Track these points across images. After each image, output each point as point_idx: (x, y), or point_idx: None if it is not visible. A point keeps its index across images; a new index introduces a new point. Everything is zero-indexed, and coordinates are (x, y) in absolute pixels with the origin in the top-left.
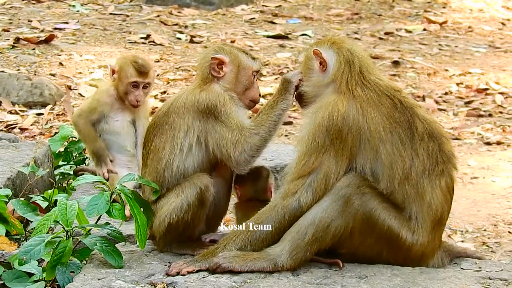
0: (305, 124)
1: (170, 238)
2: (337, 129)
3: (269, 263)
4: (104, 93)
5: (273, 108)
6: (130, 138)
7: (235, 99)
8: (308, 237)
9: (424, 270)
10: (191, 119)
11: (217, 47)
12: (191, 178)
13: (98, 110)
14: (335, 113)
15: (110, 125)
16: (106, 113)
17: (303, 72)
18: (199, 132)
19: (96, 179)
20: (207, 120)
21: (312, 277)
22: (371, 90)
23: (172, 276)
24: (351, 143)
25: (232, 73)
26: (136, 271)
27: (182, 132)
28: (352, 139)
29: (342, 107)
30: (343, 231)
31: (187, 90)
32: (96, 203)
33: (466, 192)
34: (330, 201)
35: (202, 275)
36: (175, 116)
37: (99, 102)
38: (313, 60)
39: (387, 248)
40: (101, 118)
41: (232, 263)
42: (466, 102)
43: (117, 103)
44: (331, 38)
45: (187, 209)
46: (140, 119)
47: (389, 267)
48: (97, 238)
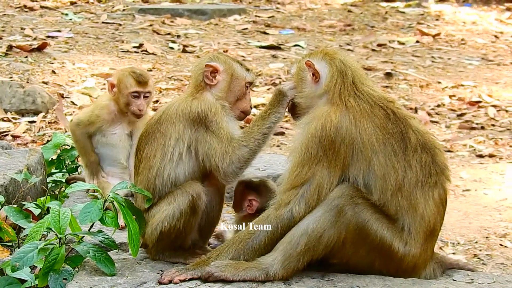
0: (297, 135)
1: (162, 246)
2: (330, 140)
3: (261, 272)
4: (105, 109)
5: (264, 120)
6: (125, 151)
7: (226, 109)
8: (301, 247)
9: (416, 281)
10: (182, 127)
11: (212, 55)
12: (183, 186)
13: (96, 125)
14: (328, 124)
15: (107, 138)
16: (105, 128)
17: (296, 83)
18: (190, 140)
19: (89, 186)
20: (198, 129)
21: (304, 286)
22: (364, 101)
23: (164, 284)
24: (344, 154)
25: (225, 82)
26: (129, 279)
27: (173, 140)
28: (345, 150)
29: (335, 118)
30: (336, 242)
31: (180, 98)
32: (89, 210)
33: (458, 204)
34: (323, 212)
35: (194, 283)
36: (167, 124)
37: (99, 118)
38: (305, 71)
39: (379, 259)
40: (98, 131)
41: (225, 272)
42: (458, 115)
43: (116, 118)
44: (324, 49)
45: (179, 217)
46: (138, 130)
47: (381, 278)
48: (90, 245)
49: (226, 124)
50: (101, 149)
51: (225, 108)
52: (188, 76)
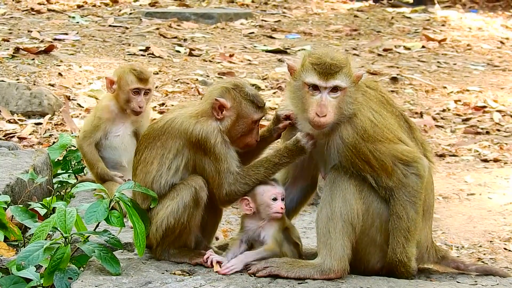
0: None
1: (167, 244)
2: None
3: (316, 270)
4: (105, 109)
5: (274, 164)
6: (127, 154)
7: (227, 143)
8: (337, 232)
9: (420, 283)
10: (182, 145)
11: (225, 88)
12: (185, 180)
13: (100, 127)
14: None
15: (110, 140)
16: (108, 129)
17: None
18: (187, 159)
19: (95, 186)
20: (197, 152)
21: (310, 286)
22: (370, 93)
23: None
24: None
25: (230, 119)
26: (133, 279)
27: (172, 154)
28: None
29: (368, 113)
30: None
31: (185, 113)
32: (95, 210)
33: (462, 208)
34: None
35: (199, 283)
36: (168, 136)
37: (101, 120)
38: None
39: (381, 234)
40: (103, 136)
41: (280, 268)
42: (463, 119)
43: (118, 118)
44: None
45: (183, 211)
46: (143, 128)
47: (385, 279)
48: (95, 245)
49: (225, 157)
50: (104, 153)
51: (226, 142)
52: (194, 80)
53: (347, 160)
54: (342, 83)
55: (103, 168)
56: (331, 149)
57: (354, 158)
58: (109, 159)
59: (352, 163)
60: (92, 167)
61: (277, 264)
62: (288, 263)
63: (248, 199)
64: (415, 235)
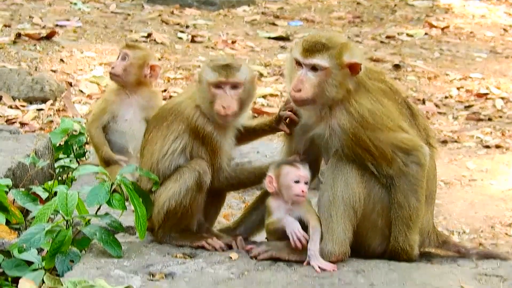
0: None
1: (169, 226)
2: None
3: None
4: (112, 92)
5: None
6: (135, 140)
7: (223, 131)
8: (337, 215)
9: (421, 266)
10: (183, 129)
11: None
12: (189, 163)
13: (108, 110)
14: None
15: (118, 124)
16: (116, 112)
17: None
18: (185, 144)
19: (97, 170)
20: (195, 140)
21: (310, 270)
22: (372, 80)
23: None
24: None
25: (197, 91)
26: (135, 261)
27: (173, 136)
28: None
29: (366, 102)
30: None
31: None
32: (96, 193)
33: (464, 194)
34: (351, 175)
35: (200, 266)
36: (174, 119)
37: (108, 102)
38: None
39: (383, 218)
40: (111, 119)
41: (281, 251)
42: (466, 106)
43: (127, 101)
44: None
45: (185, 194)
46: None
47: (386, 262)
48: (97, 228)
49: (220, 149)
50: (111, 136)
51: (222, 128)
52: (196, 66)
53: (348, 147)
54: (322, 62)
55: (108, 151)
56: (332, 136)
57: (354, 146)
58: (116, 143)
59: (353, 150)
60: (98, 150)
61: (278, 247)
62: (290, 246)
63: (272, 176)
64: (417, 223)
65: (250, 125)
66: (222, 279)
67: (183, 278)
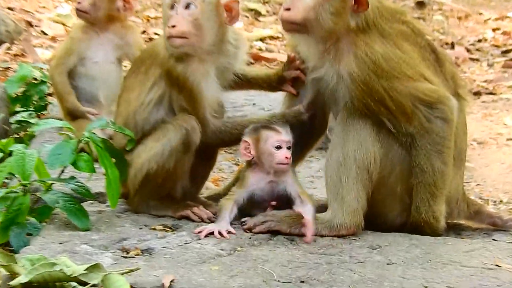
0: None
1: (147, 193)
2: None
3: (325, 225)
4: (79, 29)
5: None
6: (107, 87)
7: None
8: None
9: (448, 241)
10: (159, 75)
11: None
12: (174, 119)
13: (74, 50)
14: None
15: (87, 68)
16: (84, 53)
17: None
18: (163, 93)
19: (61, 124)
20: (173, 87)
21: (315, 246)
22: (389, 20)
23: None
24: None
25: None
26: (105, 235)
27: (150, 83)
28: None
29: (378, 47)
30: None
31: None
32: (59, 152)
33: (501, 156)
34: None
35: (184, 241)
36: (151, 62)
37: (74, 41)
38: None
39: (403, 183)
40: (79, 62)
41: (281, 223)
42: (503, 52)
43: (97, 39)
44: None
45: (169, 155)
46: (134, 54)
47: (407, 236)
48: (60, 194)
49: (201, 97)
50: (78, 82)
51: (199, 69)
52: None
53: (358, 100)
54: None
55: (73, 102)
56: (339, 84)
57: (366, 98)
58: (84, 90)
59: (365, 103)
60: (62, 100)
61: (277, 218)
62: (291, 216)
63: (248, 142)
64: (443, 191)
65: (245, 73)
66: (210, 256)
67: (163, 255)
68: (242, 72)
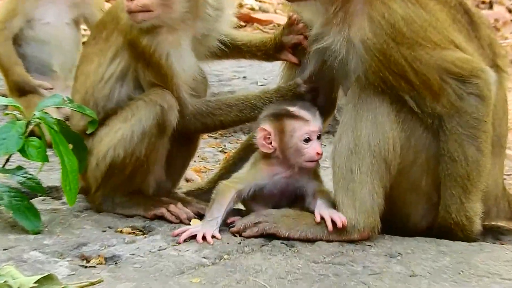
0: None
1: (112, 188)
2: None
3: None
4: None
5: (252, 108)
6: (62, 53)
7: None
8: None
9: (485, 247)
10: (121, 44)
11: None
12: (146, 94)
13: (19, 10)
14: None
15: (36, 31)
16: (31, 12)
17: None
18: (127, 66)
19: (5, 102)
20: (138, 61)
21: (320, 253)
22: None
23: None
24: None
25: None
26: (61, 239)
27: (111, 53)
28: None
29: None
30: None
31: None
32: (4, 137)
33: None
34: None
35: (157, 246)
36: (114, 27)
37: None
38: None
39: (429, 175)
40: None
41: (278, 224)
42: None
43: None
44: None
45: (140, 139)
46: (93, 15)
47: (434, 242)
48: (5, 189)
49: (171, 69)
50: (26, 49)
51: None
52: None
53: (374, 72)
54: None
55: (21, 73)
56: (349, 54)
57: (383, 70)
58: (34, 59)
59: (382, 78)
60: (7, 72)
61: (274, 218)
62: (291, 217)
63: (269, 131)
64: (478, 185)
65: (233, 38)
66: (189, 266)
67: (132, 264)
68: (228, 38)
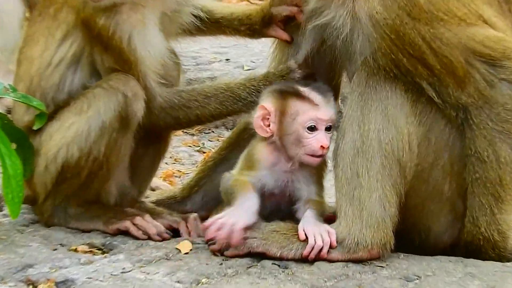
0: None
1: (65, 196)
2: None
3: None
4: None
5: (235, 99)
6: (2, 33)
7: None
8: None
9: None
10: (73, 23)
11: None
12: (105, 81)
13: None
14: None
15: None
16: None
17: None
18: (80, 50)
19: None
20: (93, 41)
21: (321, 276)
22: None
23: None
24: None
25: None
26: (2, 260)
27: (60, 33)
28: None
29: None
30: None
31: None
32: None
33: None
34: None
35: (120, 268)
36: (64, 1)
37: None
38: None
39: (451, 181)
40: None
41: (268, 242)
42: None
43: None
44: None
45: (98, 135)
46: None
47: (460, 261)
48: None
49: (135, 54)
50: None
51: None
52: None
53: (384, 55)
54: None
55: None
56: (355, 31)
57: (396, 52)
58: None
59: (394, 60)
60: None
61: (264, 234)
62: (282, 231)
63: (268, 110)
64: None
65: (211, 11)
66: None
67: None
68: (204, 11)
